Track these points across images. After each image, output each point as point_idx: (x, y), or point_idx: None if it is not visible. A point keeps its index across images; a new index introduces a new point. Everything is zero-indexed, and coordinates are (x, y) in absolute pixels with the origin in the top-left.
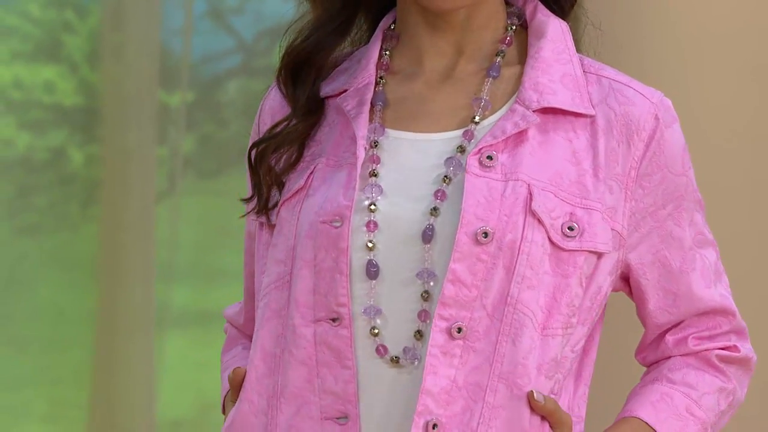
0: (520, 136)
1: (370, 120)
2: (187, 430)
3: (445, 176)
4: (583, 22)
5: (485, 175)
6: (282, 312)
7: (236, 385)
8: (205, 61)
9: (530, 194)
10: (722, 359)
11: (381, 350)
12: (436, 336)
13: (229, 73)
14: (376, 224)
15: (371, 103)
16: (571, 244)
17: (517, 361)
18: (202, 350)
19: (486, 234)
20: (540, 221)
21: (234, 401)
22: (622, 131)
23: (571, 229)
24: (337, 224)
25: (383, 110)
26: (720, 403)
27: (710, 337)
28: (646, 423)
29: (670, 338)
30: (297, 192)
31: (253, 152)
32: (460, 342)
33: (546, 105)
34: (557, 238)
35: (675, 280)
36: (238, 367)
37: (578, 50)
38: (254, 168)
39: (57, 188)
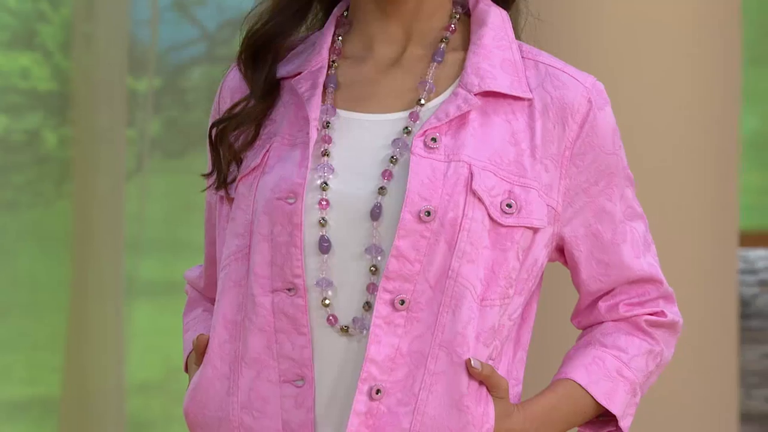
0: (462, 118)
1: (323, 101)
2: (154, 392)
3: (392, 157)
4: (524, 12)
5: (429, 156)
6: (242, 282)
7: (200, 350)
8: (170, 50)
9: (471, 174)
10: (650, 324)
11: (331, 320)
12: (380, 308)
13: (193, 60)
14: (328, 202)
15: (324, 85)
16: (509, 221)
17: (456, 331)
18: (168, 317)
19: (428, 212)
20: (480, 200)
21: (198, 365)
22: (558, 114)
23: (509, 206)
24: (291, 201)
25: (335, 92)
26: (648, 364)
27: (640, 304)
28: (579, 384)
29: (602, 305)
30: (254, 169)
31: (214, 131)
32: (404, 313)
33: (486, 89)
34: (496, 214)
35: (607, 251)
36: (202, 334)
37: (518, 38)
38: (214, 145)
39: (33, 167)
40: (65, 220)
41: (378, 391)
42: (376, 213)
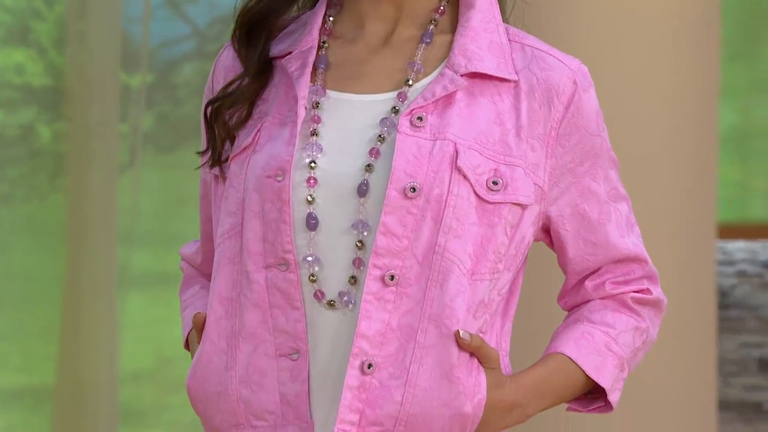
0: (448, 98)
1: (313, 82)
2: (146, 381)
3: (380, 135)
4: None
5: (415, 134)
6: (236, 259)
7: (199, 328)
8: (162, 46)
9: (456, 152)
10: (636, 301)
11: (318, 295)
12: (370, 284)
13: (185, 56)
14: (315, 180)
15: (314, 65)
16: (495, 197)
17: (444, 304)
18: (160, 308)
19: (414, 189)
20: (465, 177)
21: (198, 342)
22: (544, 95)
23: (495, 183)
24: (280, 178)
25: (325, 73)
26: (635, 340)
27: (625, 282)
28: (570, 358)
29: (589, 284)
30: (245, 148)
31: (209, 109)
32: (393, 288)
33: (473, 70)
34: (482, 192)
35: (593, 230)
36: (199, 312)
37: (506, 21)
38: (209, 123)
39: (27, 161)
40: (59, 214)
41: (370, 366)
42: (363, 189)
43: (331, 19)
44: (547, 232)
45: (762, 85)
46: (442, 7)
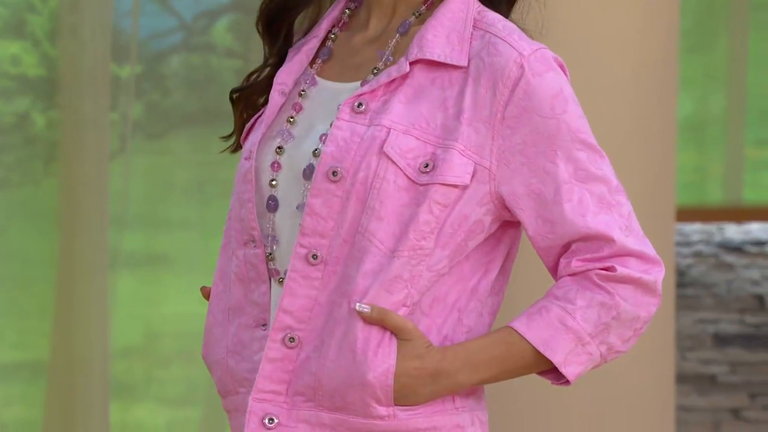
0: (397, 85)
1: (312, 68)
2: (135, 356)
3: (333, 122)
4: None
5: (353, 120)
6: (231, 239)
7: (207, 300)
8: (151, 39)
9: (387, 137)
10: (602, 278)
11: (273, 273)
12: (294, 262)
13: (172, 48)
14: (279, 165)
15: (317, 55)
16: (424, 179)
17: (357, 281)
18: (149, 287)
19: (335, 173)
20: (392, 161)
21: None
22: (489, 79)
23: (426, 166)
24: (249, 161)
25: (324, 62)
26: (601, 316)
27: (591, 260)
28: (517, 331)
29: (562, 261)
30: (247, 133)
31: (235, 96)
32: (321, 266)
33: (421, 57)
34: (414, 175)
35: (549, 209)
36: (205, 286)
37: (522, 25)
38: (234, 109)
39: (22, 148)
40: (53, 198)
41: (292, 339)
42: (307, 173)
43: (347, 11)
44: (509, 211)
45: (717, 75)
46: (430, 1)
